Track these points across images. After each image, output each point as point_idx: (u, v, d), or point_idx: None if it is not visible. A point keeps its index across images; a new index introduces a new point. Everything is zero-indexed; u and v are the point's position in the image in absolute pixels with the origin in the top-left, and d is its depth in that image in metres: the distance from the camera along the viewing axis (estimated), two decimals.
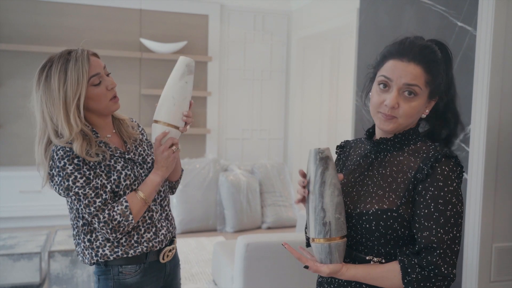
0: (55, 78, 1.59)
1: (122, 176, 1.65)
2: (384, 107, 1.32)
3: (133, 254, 1.66)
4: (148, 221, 1.70)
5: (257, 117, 6.05)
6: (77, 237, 1.68)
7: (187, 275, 3.86)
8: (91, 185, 1.58)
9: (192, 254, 4.36)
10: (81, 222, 1.64)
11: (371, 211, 1.30)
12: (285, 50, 6.06)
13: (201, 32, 5.70)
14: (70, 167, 1.56)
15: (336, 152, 1.56)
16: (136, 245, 1.66)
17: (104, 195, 1.59)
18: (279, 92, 6.10)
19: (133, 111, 5.44)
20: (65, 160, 1.56)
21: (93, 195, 1.57)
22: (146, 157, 1.77)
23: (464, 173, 1.33)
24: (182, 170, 1.93)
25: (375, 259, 1.32)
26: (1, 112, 5.11)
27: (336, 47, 5.95)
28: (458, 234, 1.24)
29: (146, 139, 1.86)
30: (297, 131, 5.91)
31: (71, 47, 1.71)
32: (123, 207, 1.60)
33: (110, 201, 1.60)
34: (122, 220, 1.59)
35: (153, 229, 1.71)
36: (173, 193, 1.94)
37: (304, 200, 1.36)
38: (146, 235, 1.68)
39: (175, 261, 1.83)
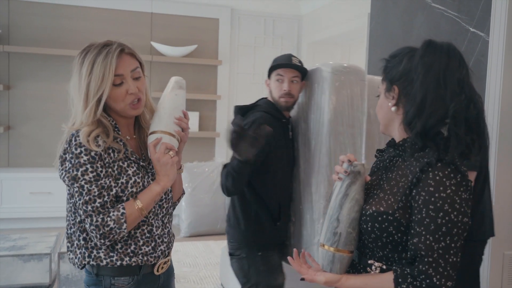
0: (84, 67, 1.53)
1: (130, 182, 1.57)
2: None
3: (128, 262, 1.57)
4: (147, 234, 1.62)
5: None
6: (72, 235, 1.60)
7: (195, 278, 3.87)
8: (98, 182, 1.50)
9: (200, 257, 4.36)
10: (79, 218, 1.56)
11: (369, 212, 1.31)
12: (295, 55, 6.05)
13: (212, 35, 5.71)
14: (85, 158, 1.49)
15: (375, 156, 1.55)
16: (132, 254, 1.58)
17: (106, 197, 1.51)
18: None
19: None
20: (82, 149, 1.49)
21: (96, 193, 1.49)
22: None
23: (470, 181, 1.26)
24: (183, 193, 1.85)
25: (376, 263, 1.31)
26: (12, 114, 5.15)
27: (346, 52, 5.94)
28: (453, 245, 1.19)
29: None
30: None
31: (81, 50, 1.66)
32: (119, 213, 1.51)
33: (109, 206, 1.52)
34: (115, 227, 1.50)
35: (152, 244, 1.63)
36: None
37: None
38: (144, 248, 1.61)
39: (169, 272, 1.76)
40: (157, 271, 1.67)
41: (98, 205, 1.50)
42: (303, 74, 2.40)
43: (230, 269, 3.36)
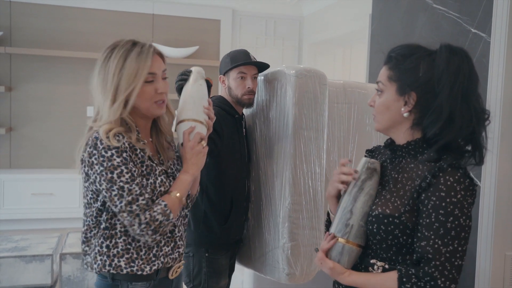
0: (113, 63, 1.53)
1: (158, 181, 1.58)
2: None
3: (148, 272, 1.57)
4: (169, 234, 1.64)
5: None
6: (92, 239, 1.57)
7: None
8: (136, 181, 1.49)
9: None
10: (103, 224, 1.54)
11: (375, 213, 1.31)
12: (296, 56, 6.06)
13: (213, 37, 5.72)
14: (118, 160, 1.46)
15: (365, 156, 1.56)
16: (154, 259, 1.59)
17: (146, 194, 1.51)
18: None
19: None
20: (113, 151, 1.46)
21: (138, 192, 1.48)
22: (175, 172, 1.70)
23: (476, 185, 1.27)
24: (198, 189, 1.85)
25: (378, 263, 1.32)
26: (13, 116, 5.15)
27: (348, 53, 5.94)
28: (460, 248, 1.21)
29: (177, 153, 1.77)
30: None
31: (83, 51, 1.67)
32: (162, 206, 1.52)
33: (150, 203, 1.52)
34: (163, 219, 1.51)
35: (172, 244, 1.65)
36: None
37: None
38: (165, 249, 1.62)
39: (179, 275, 1.77)
40: (171, 275, 1.67)
41: (143, 202, 1.49)
42: (260, 70, 2.41)
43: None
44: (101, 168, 1.46)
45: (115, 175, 1.46)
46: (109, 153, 1.47)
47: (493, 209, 2.45)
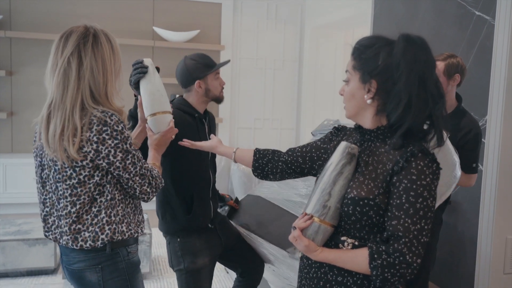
0: (105, 45, 1.71)
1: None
2: None
3: (140, 233, 1.75)
4: (140, 208, 1.83)
5: (269, 106, 6.04)
6: (84, 215, 1.64)
7: None
8: (137, 149, 1.69)
9: None
10: (109, 196, 1.65)
11: (350, 196, 1.39)
12: (298, 39, 6.03)
13: (214, 20, 5.68)
14: (126, 132, 1.64)
15: (331, 132, 1.65)
16: (140, 222, 1.77)
17: (144, 159, 1.73)
18: (292, 81, 6.08)
19: None
20: (122, 125, 1.63)
21: (142, 157, 1.69)
22: None
23: (441, 169, 1.37)
24: None
25: (349, 240, 1.41)
26: (14, 100, 5.15)
27: (350, 36, 5.91)
28: (426, 227, 1.31)
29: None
30: (309, 121, 5.90)
31: None
32: (156, 171, 1.75)
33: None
34: (160, 181, 1.75)
35: (142, 213, 1.83)
36: None
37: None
38: (142, 217, 1.81)
39: None
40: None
41: (147, 165, 1.71)
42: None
43: None
44: (117, 141, 1.61)
45: (128, 145, 1.64)
46: (120, 127, 1.62)
47: (495, 193, 2.46)
